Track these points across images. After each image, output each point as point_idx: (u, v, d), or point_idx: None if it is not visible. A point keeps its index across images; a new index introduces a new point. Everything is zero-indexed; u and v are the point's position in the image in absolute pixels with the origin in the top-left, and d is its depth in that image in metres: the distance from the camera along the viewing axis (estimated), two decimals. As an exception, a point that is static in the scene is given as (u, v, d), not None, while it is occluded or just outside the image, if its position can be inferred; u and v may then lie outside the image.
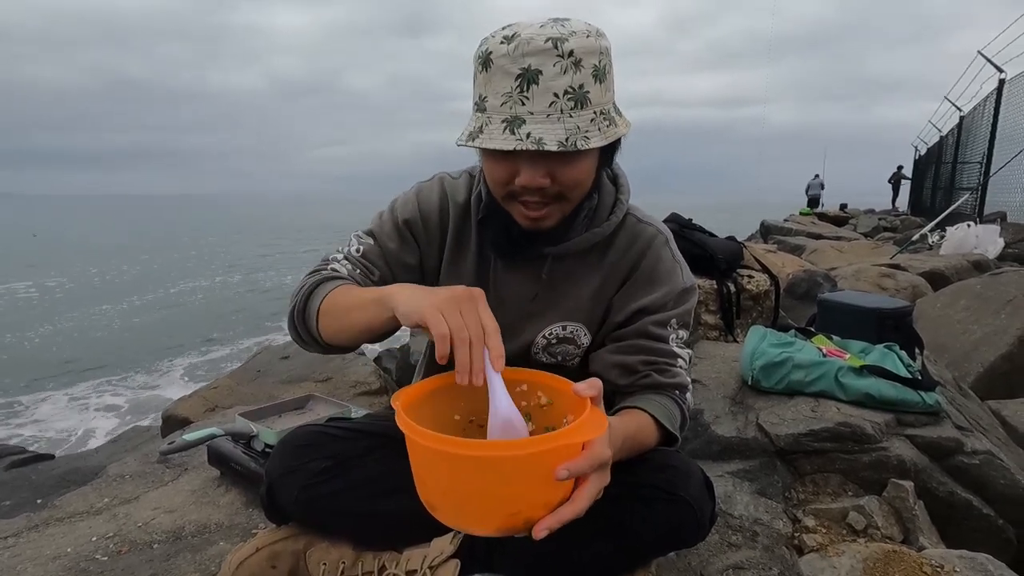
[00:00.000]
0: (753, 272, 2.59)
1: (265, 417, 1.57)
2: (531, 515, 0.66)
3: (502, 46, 0.78)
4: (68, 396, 6.85)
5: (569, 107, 0.78)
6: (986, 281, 2.95)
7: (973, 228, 5.67)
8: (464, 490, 0.67)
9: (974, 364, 2.40)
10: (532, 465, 0.63)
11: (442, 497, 0.70)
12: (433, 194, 1.02)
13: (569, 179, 0.84)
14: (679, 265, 1.01)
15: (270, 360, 3.10)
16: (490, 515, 0.67)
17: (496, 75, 0.79)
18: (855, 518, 1.24)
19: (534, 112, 0.78)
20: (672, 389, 0.96)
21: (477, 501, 0.67)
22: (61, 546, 1.21)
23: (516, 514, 0.66)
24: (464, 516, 0.69)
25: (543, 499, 0.66)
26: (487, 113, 0.80)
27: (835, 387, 1.49)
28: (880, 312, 1.80)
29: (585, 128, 0.79)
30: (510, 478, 0.64)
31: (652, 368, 0.95)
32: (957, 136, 12.27)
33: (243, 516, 1.32)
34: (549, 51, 0.77)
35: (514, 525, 0.66)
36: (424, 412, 0.76)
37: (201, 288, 15.08)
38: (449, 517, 0.71)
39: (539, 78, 0.77)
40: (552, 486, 0.65)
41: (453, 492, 0.68)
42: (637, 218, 1.02)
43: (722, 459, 1.44)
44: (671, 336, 0.98)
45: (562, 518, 0.66)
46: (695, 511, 0.87)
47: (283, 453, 0.97)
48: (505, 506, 0.65)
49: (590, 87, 0.79)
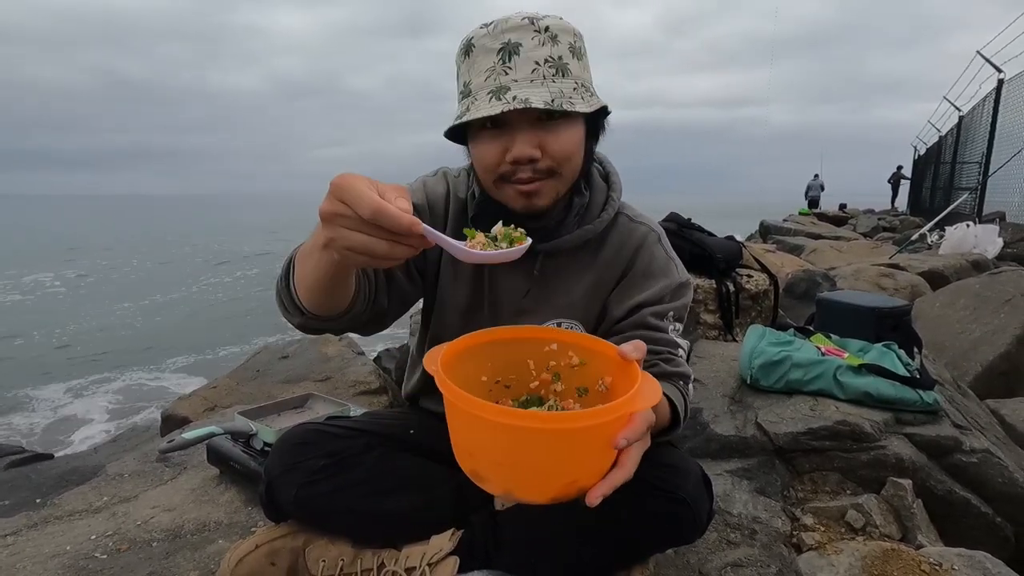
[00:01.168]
0: (752, 271, 2.59)
1: (264, 416, 1.57)
2: (586, 483, 0.66)
3: (481, 31, 0.84)
4: (91, 390, 6.90)
5: (551, 74, 0.83)
6: (985, 281, 2.95)
7: (972, 228, 5.67)
8: (524, 461, 0.65)
9: (973, 363, 2.40)
10: (596, 435, 0.64)
11: (495, 468, 0.68)
12: (439, 186, 1.04)
13: (558, 149, 0.86)
14: (673, 261, 1.02)
15: (269, 360, 3.10)
16: (548, 484, 0.66)
17: (479, 56, 0.84)
18: (853, 516, 1.25)
19: (518, 79, 0.82)
20: (677, 379, 0.97)
21: (536, 471, 0.66)
22: (60, 544, 1.21)
23: (572, 483, 0.66)
24: (519, 486, 0.68)
25: (599, 467, 0.66)
26: (472, 94, 0.84)
27: (834, 386, 1.49)
28: (879, 311, 1.80)
29: (569, 94, 0.83)
30: (574, 449, 0.64)
31: (658, 358, 0.96)
32: (956, 136, 12.28)
33: (242, 514, 1.32)
34: (527, 27, 0.83)
35: (568, 493, 0.66)
36: (455, 374, 0.73)
37: (221, 285, 15.10)
38: (500, 487, 0.69)
39: (520, 49, 0.82)
40: (607, 454, 0.66)
41: (510, 463, 0.67)
42: (629, 216, 1.03)
43: (721, 457, 1.44)
44: (669, 327, 0.99)
45: (614, 483, 0.66)
46: (692, 509, 0.87)
47: (282, 451, 0.97)
48: (564, 475, 0.65)
49: (568, 60, 0.84)
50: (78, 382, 7.21)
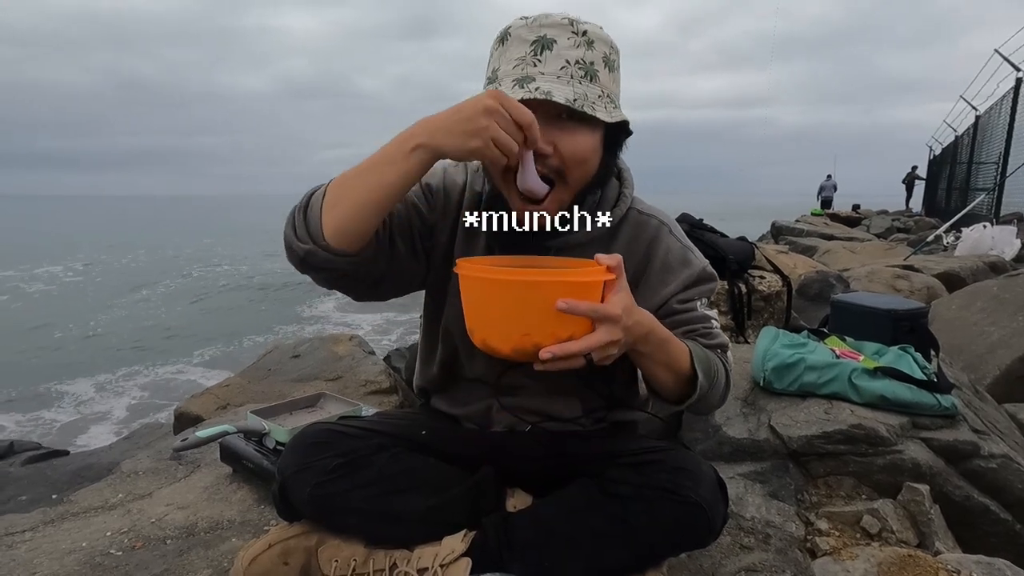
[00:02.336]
0: (765, 273, 2.57)
1: (277, 415, 1.58)
2: (540, 341, 0.78)
3: (520, 21, 0.85)
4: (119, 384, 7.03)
5: (579, 75, 0.83)
6: (1003, 283, 2.91)
7: (989, 229, 5.58)
8: (490, 309, 0.81)
9: (991, 367, 2.36)
10: (534, 291, 0.77)
11: (473, 320, 0.84)
12: (459, 175, 1.04)
13: (571, 150, 0.85)
14: (690, 250, 1.02)
15: (280, 359, 3.12)
16: (508, 334, 0.80)
17: (513, 44, 0.84)
18: (869, 521, 1.23)
19: (545, 73, 0.82)
20: (715, 349, 0.98)
21: (499, 319, 0.80)
22: (76, 540, 1.23)
23: (527, 335, 0.78)
24: (490, 333, 0.82)
25: (550, 329, 0.78)
26: (497, 80, 0.84)
27: (849, 389, 1.47)
28: (895, 313, 1.77)
29: (592, 99, 0.83)
30: (523, 301, 0.78)
31: (695, 334, 0.98)
32: (973, 136, 12.10)
33: (255, 513, 1.33)
34: (565, 26, 0.83)
35: (525, 347, 0.78)
36: None
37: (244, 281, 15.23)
38: (479, 337, 0.83)
39: (553, 46, 0.82)
40: (558, 318, 0.77)
41: (481, 312, 0.82)
42: (639, 211, 1.03)
43: (734, 461, 1.43)
44: (697, 304, 1.00)
45: (566, 349, 0.76)
46: (707, 513, 0.86)
47: (296, 450, 0.98)
48: (518, 325, 0.78)
49: (599, 68, 0.84)
50: (106, 376, 7.30)
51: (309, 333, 8.29)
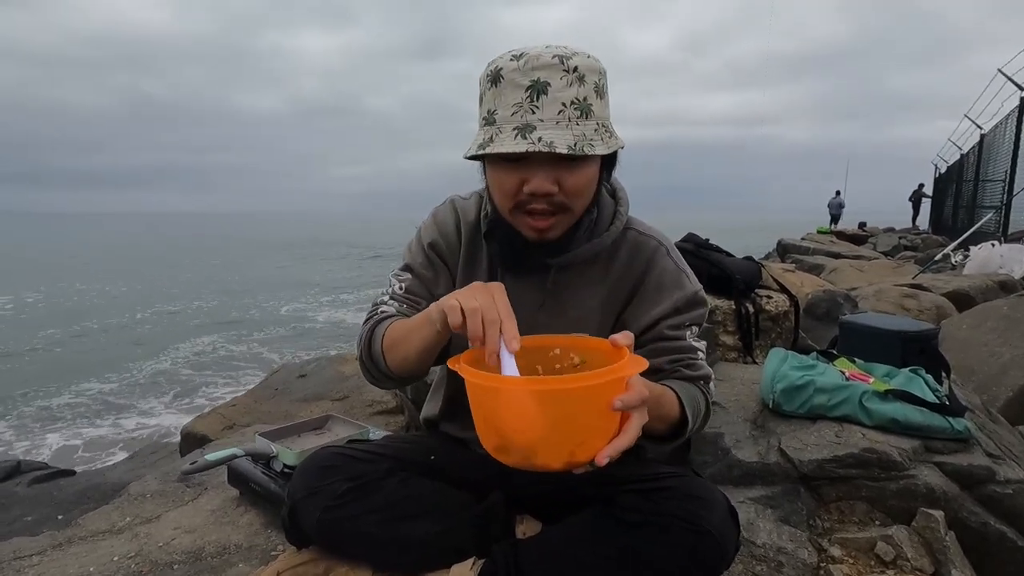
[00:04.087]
0: (772, 292, 2.56)
1: (284, 437, 1.58)
2: (595, 446, 0.73)
3: (512, 63, 0.85)
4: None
5: (576, 116, 0.85)
6: (1013, 302, 2.88)
7: (998, 247, 5.55)
8: (532, 424, 0.72)
9: (1003, 388, 2.33)
10: (592, 396, 0.71)
11: (513, 436, 0.74)
12: (448, 215, 1.08)
13: (574, 186, 0.89)
14: (684, 273, 1.03)
15: (287, 378, 3.12)
16: (559, 446, 0.72)
17: (506, 88, 0.85)
18: (884, 548, 1.21)
19: (544, 120, 0.84)
20: (698, 380, 1.00)
21: (547, 432, 0.72)
22: (84, 565, 1.22)
23: (582, 444, 0.72)
24: (534, 451, 0.74)
25: (602, 430, 0.73)
26: (497, 124, 0.86)
27: (859, 412, 1.46)
28: (905, 335, 1.76)
29: (590, 136, 0.85)
30: (575, 409, 0.71)
31: (679, 365, 0.99)
32: (978, 154, 12.11)
33: (262, 537, 1.32)
34: (556, 66, 0.84)
35: (577, 457, 0.73)
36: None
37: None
38: (520, 455, 0.75)
39: (548, 89, 0.84)
40: (607, 418, 0.73)
41: (525, 429, 0.73)
42: (638, 231, 1.05)
43: (743, 484, 1.41)
44: (687, 333, 1.01)
45: (618, 446, 0.73)
46: (719, 541, 0.85)
47: (306, 474, 0.98)
48: (573, 436, 0.72)
49: (593, 101, 0.86)
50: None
51: (315, 352, 8.29)
